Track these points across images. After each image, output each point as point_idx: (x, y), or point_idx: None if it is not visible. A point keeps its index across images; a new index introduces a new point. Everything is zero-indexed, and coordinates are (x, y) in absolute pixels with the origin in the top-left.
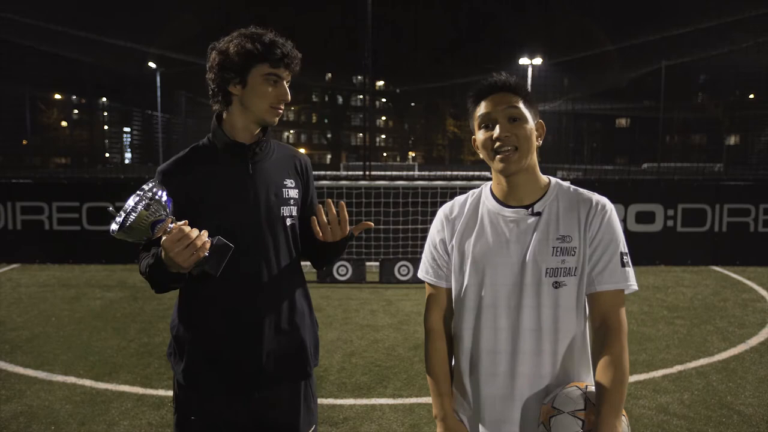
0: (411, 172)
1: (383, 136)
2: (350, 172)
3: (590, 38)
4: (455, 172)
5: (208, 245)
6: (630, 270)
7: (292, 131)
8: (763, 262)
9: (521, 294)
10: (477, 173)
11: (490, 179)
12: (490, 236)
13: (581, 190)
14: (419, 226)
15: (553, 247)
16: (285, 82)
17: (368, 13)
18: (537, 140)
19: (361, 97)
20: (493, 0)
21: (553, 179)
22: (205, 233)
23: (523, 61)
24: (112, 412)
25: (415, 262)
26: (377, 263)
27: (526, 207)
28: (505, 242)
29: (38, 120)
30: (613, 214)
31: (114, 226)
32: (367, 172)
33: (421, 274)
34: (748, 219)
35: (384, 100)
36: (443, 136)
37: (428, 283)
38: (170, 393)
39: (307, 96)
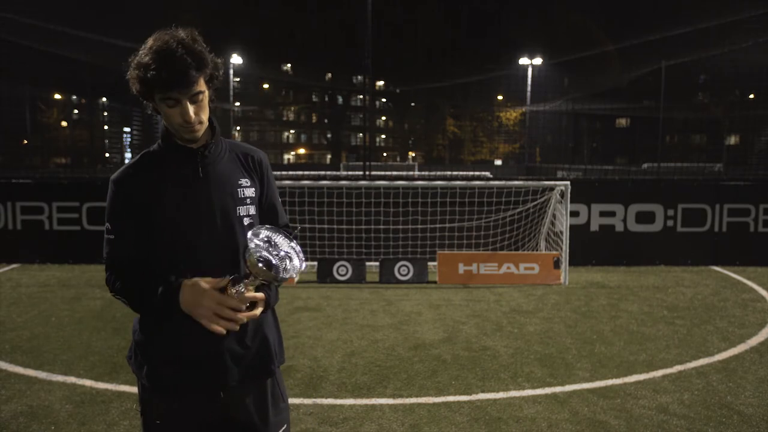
0: (411, 172)
1: (383, 136)
2: (350, 172)
3: (590, 38)
4: (455, 172)
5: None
6: None
7: (292, 131)
8: (763, 262)
9: None
10: (477, 173)
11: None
12: None
13: None
14: (419, 226)
15: None
16: (187, 101)
17: (368, 13)
18: None
19: (361, 97)
20: (493, 0)
21: None
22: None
23: (523, 61)
24: (112, 412)
25: (415, 262)
26: (377, 263)
27: None
28: None
29: (38, 120)
30: None
31: (287, 272)
32: (367, 172)
33: None
34: (748, 219)
35: (384, 100)
36: (443, 136)
37: None
38: None
39: (307, 96)
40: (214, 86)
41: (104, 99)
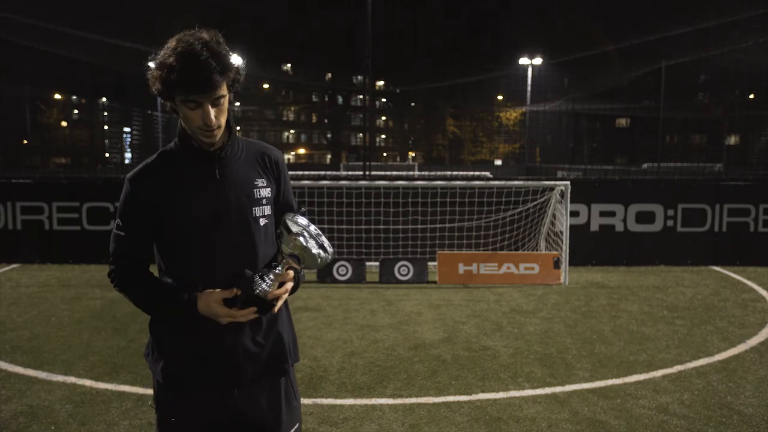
0: (411, 172)
1: (383, 136)
2: (350, 172)
3: (590, 38)
4: (455, 172)
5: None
6: None
7: (292, 131)
8: (763, 262)
9: None
10: (477, 173)
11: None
12: None
13: None
14: (419, 226)
15: None
16: (209, 104)
17: (368, 13)
18: None
19: (361, 97)
20: (493, 0)
21: None
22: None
23: (523, 61)
24: (112, 412)
25: (415, 262)
26: (377, 263)
27: None
28: None
29: (38, 120)
30: None
31: (329, 252)
32: (367, 172)
33: None
34: (748, 219)
35: (384, 100)
36: (443, 136)
37: None
38: None
39: (307, 96)
40: (234, 90)
41: (104, 99)
